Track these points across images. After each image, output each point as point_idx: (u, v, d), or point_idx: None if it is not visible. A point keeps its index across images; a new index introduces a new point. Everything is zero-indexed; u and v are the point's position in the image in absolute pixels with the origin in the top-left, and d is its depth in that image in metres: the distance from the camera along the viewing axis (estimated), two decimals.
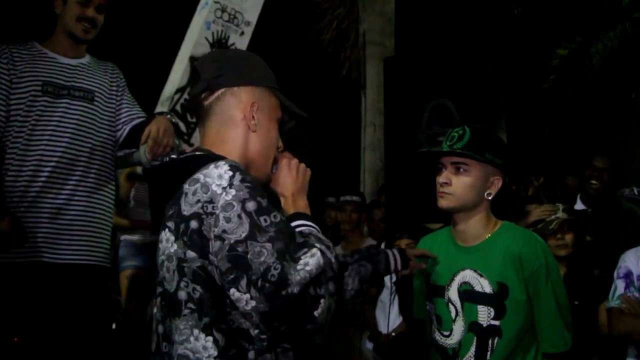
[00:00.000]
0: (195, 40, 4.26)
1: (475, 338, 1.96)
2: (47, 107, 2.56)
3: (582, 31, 8.28)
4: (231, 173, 1.34)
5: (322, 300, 1.29)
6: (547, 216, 2.99)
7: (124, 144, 2.75)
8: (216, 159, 1.39)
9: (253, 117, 1.49)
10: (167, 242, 1.39)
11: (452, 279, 2.03)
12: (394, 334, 3.86)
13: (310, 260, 1.31)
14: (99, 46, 2.86)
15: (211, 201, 1.32)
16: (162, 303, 1.41)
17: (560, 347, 1.97)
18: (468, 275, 2.00)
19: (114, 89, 2.78)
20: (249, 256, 1.27)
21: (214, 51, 1.58)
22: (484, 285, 1.97)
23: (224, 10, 4.32)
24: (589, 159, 3.91)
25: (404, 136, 3.59)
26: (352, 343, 4.20)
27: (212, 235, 1.31)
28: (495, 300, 1.95)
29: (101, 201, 2.66)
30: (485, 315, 1.95)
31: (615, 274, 2.49)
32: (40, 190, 2.52)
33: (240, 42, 4.44)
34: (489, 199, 2.01)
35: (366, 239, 4.54)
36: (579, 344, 2.01)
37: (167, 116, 2.73)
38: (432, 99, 3.45)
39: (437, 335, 2.06)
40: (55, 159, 2.54)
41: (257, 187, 1.36)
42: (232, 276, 1.28)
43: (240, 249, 1.28)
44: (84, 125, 2.62)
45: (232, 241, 1.28)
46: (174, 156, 2.61)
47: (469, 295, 1.99)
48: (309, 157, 1.73)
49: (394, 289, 3.62)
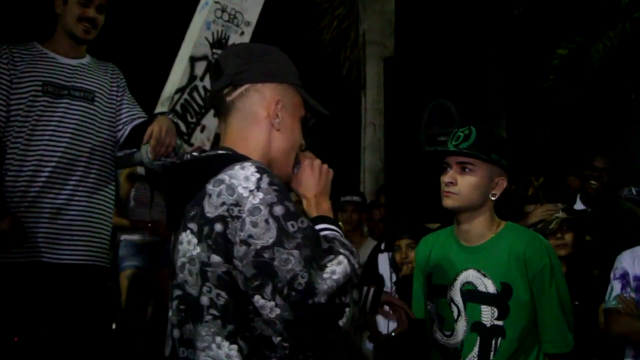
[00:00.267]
0: (195, 40, 4.25)
1: (479, 338, 1.96)
2: (48, 107, 2.56)
3: (582, 31, 8.28)
4: (258, 175, 1.29)
5: (346, 309, 1.27)
6: (549, 216, 2.98)
7: (125, 144, 2.75)
8: (240, 158, 1.34)
9: (277, 115, 1.44)
10: (188, 244, 1.33)
11: (455, 279, 2.03)
12: (394, 334, 3.85)
13: (337, 269, 1.28)
14: (99, 46, 2.86)
15: (237, 204, 1.27)
16: (181, 307, 1.36)
17: (563, 347, 1.97)
18: (471, 275, 2.00)
19: (114, 89, 2.78)
20: (275, 263, 1.24)
21: (237, 45, 1.51)
22: (487, 285, 1.97)
23: (224, 10, 4.32)
24: (588, 159, 3.91)
25: (404, 136, 3.59)
26: (352, 343, 4.19)
27: (237, 239, 1.26)
28: (499, 300, 1.95)
29: (101, 201, 2.66)
30: (488, 315, 1.95)
31: (612, 275, 2.50)
32: (41, 190, 2.52)
33: (240, 42, 4.43)
34: (493, 199, 2.01)
35: (366, 239, 4.54)
36: (579, 344, 2.01)
37: (169, 116, 2.74)
38: (432, 99, 3.45)
39: (438, 335, 2.06)
40: (56, 159, 2.54)
41: (285, 191, 1.32)
42: (257, 283, 1.25)
43: (266, 255, 1.24)
44: (84, 126, 2.62)
45: (258, 247, 1.24)
46: (176, 157, 2.62)
47: (472, 295, 1.99)
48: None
49: (394, 289, 3.62)
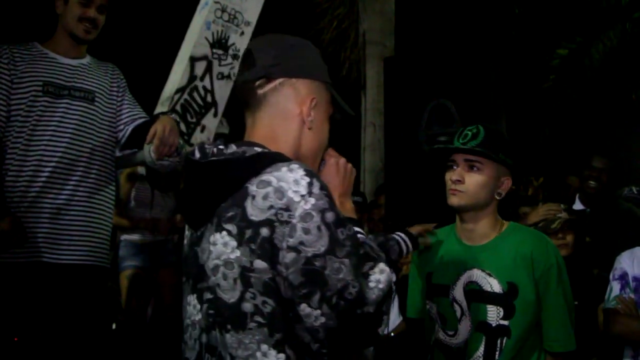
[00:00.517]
0: (195, 40, 4.25)
1: (484, 338, 1.95)
2: (48, 107, 2.56)
3: (582, 31, 8.27)
4: (308, 179, 1.24)
5: (385, 317, 1.27)
6: (551, 216, 2.98)
7: (126, 144, 2.75)
8: (283, 159, 1.29)
9: (310, 113, 1.38)
10: (225, 247, 1.26)
11: (458, 278, 2.02)
12: (394, 334, 3.85)
13: (382, 278, 1.28)
14: (99, 46, 2.86)
15: (287, 209, 1.22)
16: (211, 311, 1.29)
17: (569, 346, 1.97)
18: (476, 275, 1.99)
19: (115, 89, 2.78)
20: (326, 272, 1.21)
21: (271, 36, 1.44)
22: (493, 285, 1.96)
23: (224, 10, 4.31)
24: (588, 159, 3.91)
25: (404, 136, 3.59)
26: None
27: (284, 245, 1.21)
28: (505, 300, 1.94)
29: (101, 201, 2.66)
30: (494, 315, 1.95)
31: (611, 276, 2.50)
32: (41, 191, 2.52)
33: (240, 42, 4.43)
34: (498, 198, 2.01)
35: None
36: (579, 344, 2.01)
37: (172, 116, 2.74)
38: (432, 99, 3.46)
39: (441, 335, 2.04)
40: (56, 159, 2.54)
41: (332, 196, 1.28)
42: (304, 291, 1.21)
43: (317, 263, 1.21)
44: (84, 126, 2.62)
45: (309, 254, 1.21)
46: (179, 157, 2.61)
47: (477, 294, 1.98)
48: None
49: (394, 288, 3.61)
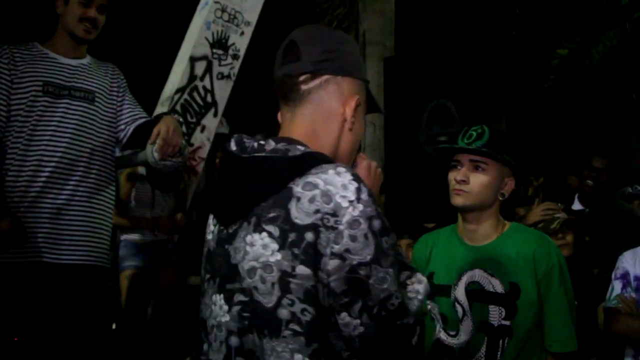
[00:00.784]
0: (195, 40, 4.26)
1: (486, 338, 1.95)
2: (48, 107, 2.56)
3: (582, 31, 8.26)
4: (356, 184, 1.20)
5: (418, 328, 1.24)
6: (550, 216, 2.98)
7: (127, 144, 2.75)
8: (328, 160, 1.25)
9: (353, 113, 1.34)
10: (264, 249, 1.21)
11: (459, 279, 2.02)
12: None
13: (420, 288, 1.27)
14: (99, 46, 2.86)
15: (334, 214, 1.17)
16: (244, 314, 1.24)
17: (570, 346, 1.97)
18: (477, 275, 1.99)
19: (115, 89, 2.78)
20: (370, 281, 1.17)
21: (317, 28, 1.39)
22: (495, 285, 1.96)
23: (224, 10, 4.32)
24: (588, 158, 3.92)
25: (404, 136, 3.60)
26: None
27: (328, 251, 1.17)
28: (507, 300, 1.94)
29: (101, 202, 2.66)
30: (496, 315, 1.95)
31: (613, 275, 2.50)
32: (41, 191, 2.52)
33: (240, 42, 4.43)
34: (502, 199, 2.01)
35: None
36: (579, 344, 2.01)
37: (174, 116, 2.74)
38: (432, 99, 3.47)
39: (442, 335, 2.04)
40: (56, 159, 2.54)
41: (378, 203, 1.24)
42: (346, 299, 1.18)
43: (362, 272, 1.17)
44: (84, 126, 2.62)
45: (354, 262, 1.17)
46: (181, 157, 2.60)
47: (478, 295, 1.98)
48: None
49: None
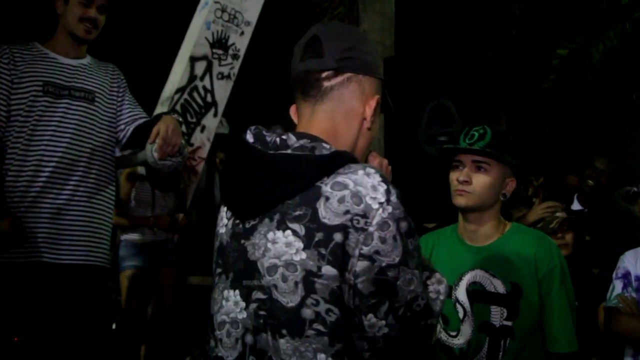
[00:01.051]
0: (195, 40, 4.26)
1: (488, 339, 1.95)
2: (48, 107, 2.56)
3: (582, 31, 8.26)
4: (385, 186, 1.20)
5: (437, 327, 1.28)
6: (550, 215, 2.98)
7: (127, 143, 2.75)
8: (355, 160, 1.25)
9: (373, 113, 1.33)
10: (287, 247, 1.20)
11: (460, 279, 2.01)
12: None
13: (441, 288, 1.27)
14: (99, 46, 2.86)
15: (365, 215, 1.17)
16: (261, 312, 1.23)
17: (571, 347, 1.97)
18: (479, 276, 1.99)
19: (115, 89, 2.78)
20: (398, 283, 1.18)
21: (339, 25, 1.38)
22: (496, 286, 1.96)
23: (224, 10, 4.32)
24: (590, 159, 3.92)
25: (404, 136, 3.60)
26: None
27: (357, 252, 1.17)
28: (509, 300, 1.94)
29: (101, 202, 2.66)
30: (498, 315, 1.95)
31: (614, 275, 2.51)
32: (41, 191, 2.52)
33: (240, 42, 4.44)
34: (503, 199, 2.02)
35: None
36: (579, 343, 2.01)
37: (174, 116, 2.74)
38: (432, 99, 3.47)
39: (443, 335, 2.02)
40: (56, 159, 2.54)
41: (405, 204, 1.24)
42: (373, 301, 1.18)
43: (390, 274, 1.18)
44: (84, 126, 2.62)
45: (383, 264, 1.17)
46: (181, 157, 2.61)
47: (480, 295, 1.98)
48: None
49: None
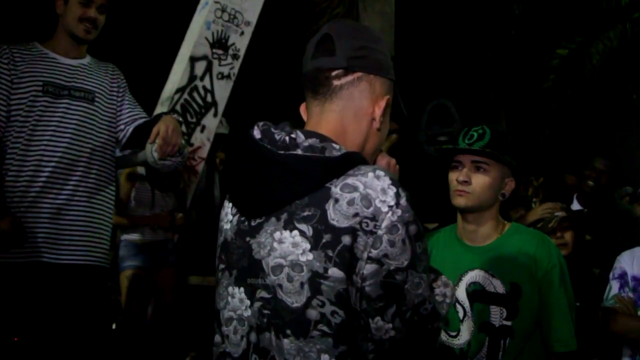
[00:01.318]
0: (195, 40, 4.27)
1: (488, 338, 1.95)
2: (48, 107, 2.56)
3: (582, 31, 8.27)
4: (395, 189, 1.19)
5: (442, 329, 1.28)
6: (549, 215, 2.98)
7: (127, 143, 2.75)
8: (365, 162, 1.25)
9: (382, 113, 1.31)
10: (294, 247, 1.19)
11: (460, 279, 2.02)
12: None
13: (447, 292, 1.28)
14: (99, 46, 2.86)
15: (374, 219, 1.17)
16: (264, 311, 1.22)
17: (570, 346, 1.97)
18: (478, 276, 1.99)
19: (115, 89, 2.78)
20: (406, 286, 1.18)
21: (352, 23, 1.36)
22: (496, 286, 1.96)
23: (224, 10, 4.32)
24: (589, 159, 3.92)
25: (404, 136, 3.60)
26: None
27: (365, 256, 1.16)
28: (508, 300, 1.94)
29: (101, 202, 2.66)
30: (497, 315, 1.95)
31: (611, 275, 2.51)
32: (41, 191, 2.52)
33: (240, 42, 4.44)
34: (502, 199, 2.02)
35: None
36: (580, 344, 2.02)
37: (174, 116, 2.74)
38: (432, 99, 3.46)
39: (443, 336, 2.04)
40: (56, 159, 2.54)
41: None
42: (381, 304, 1.18)
43: (398, 277, 1.17)
44: (84, 126, 2.62)
45: (391, 267, 1.17)
46: (181, 157, 2.61)
47: (479, 295, 1.98)
48: None
49: None
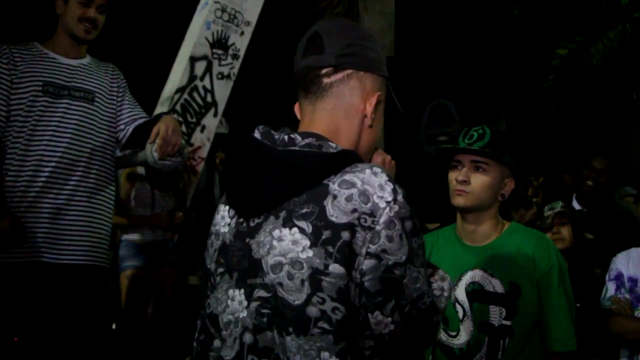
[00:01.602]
0: (195, 40, 4.27)
1: (487, 338, 1.95)
2: (48, 107, 2.56)
3: (582, 31, 8.27)
4: (392, 186, 1.21)
5: (441, 323, 1.28)
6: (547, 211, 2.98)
7: (127, 143, 2.75)
8: (361, 159, 1.26)
9: (374, 110, 1.33)
10: (294, 245, 1.20)
11: (459, 279, 2.02)
12: None
13: (444, 285, 1.29)
14: (99, 46, 2.86)
15: (372, 214, 1.18)
16: (263, 310, 1.21)
17: (570, 346, 1.97)
18: (477, 275, 1.99)
19: (115, 89, 2.78)
20: (404, 281, 1.19)
21: (342, 22, 1.36)
22: (495, 286, 1.96)
23: (224, 10, 4.32)
24: (588, 158, 3.92)
25: (404, 136, 3.60)
26: None
27: (363, 251, 1.18)
28: (508, 300, 1.95)
29: (101, 202, 2.66)
30: (497, 315, 1.95)
31: (607, 277, 2.52)
32: (41, 191, 2.52)
33: (240, 42, 4.44)
34: (501, 199, 2.02)
35: None
36: (581, 344, 2.02)
37: (174, 116, 2.75)
38: (432, 99, 3.47)
39: (442, 335, 2.04)
40: (56, 159, 2.54)
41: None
42: (380, 299, 1.19)
43: (397, 272, 1.18)
44: (84, 126, 2.62)
45: (390, 262, 1.18)
46: (181, 157, 2.61)
47: (479, 295, 1.98)
48: None
49: None
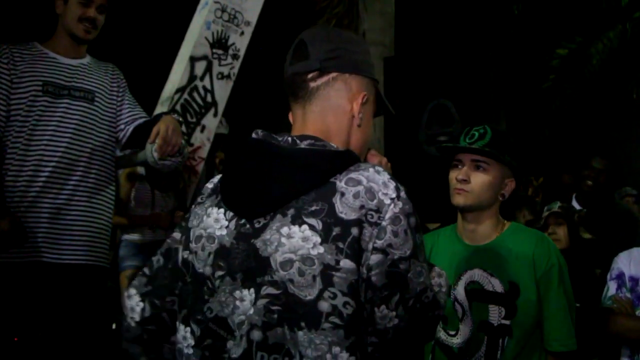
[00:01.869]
0: (195, 40, 4.26)
1: (486, 338, 1.96)
2: (48, 107, 2.56)
3: (582, 31, 8.27)
4: (394, 183, 1.26)
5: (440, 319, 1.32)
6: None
7: (127, 143, 2.75)
8: (360, 160, 1.30)
9: (361, 110, 1.37)
10: (304, 241, 1.21)
11: (459, 278, 2.02)
12: None
13: (442, 281, 1.33)
14: (99, 46, 2.86)
15: (378, 210, 1.22)
16: (275, 307, 1.22)
17: (569, 346, 1.98)
18: (477, 275, 2.00)
19: (115, 89, 2.78)
20: (409, 275, 1.22)
21: (326, 28, 1.45)
22: (495, 285, 1.97)
23: (224, 10, 4.32)
24: (587, 158, 3.92)
25: (404, 136, 3.60)
26: None
27: (370, 246, 1.21)
28: (507, 299, 1.95)
29: (101, 201, 2.66)
30: (496, 314, 1.96)
31: (608, 276, 2.51)
32: (41, 191, 2.52)
33: (240, 42, 4.44)
34: (501, 199, 2.02)
35: None
36: (581, 344, 2.02)
37: (174, 116, 2.75)
38: (432, 99, 3.47)
39: (442, 335, 2.05)
40: (56, 159, 2.54)
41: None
42: (386, 293, 1.22)
43: (402, 266, 1.22)
44: (84, 126, 2.62)
45: (395, 257, 1.21)
46: (181, 156, 2.61)
47: (478, 294, 1.99)
48: None
49: None
